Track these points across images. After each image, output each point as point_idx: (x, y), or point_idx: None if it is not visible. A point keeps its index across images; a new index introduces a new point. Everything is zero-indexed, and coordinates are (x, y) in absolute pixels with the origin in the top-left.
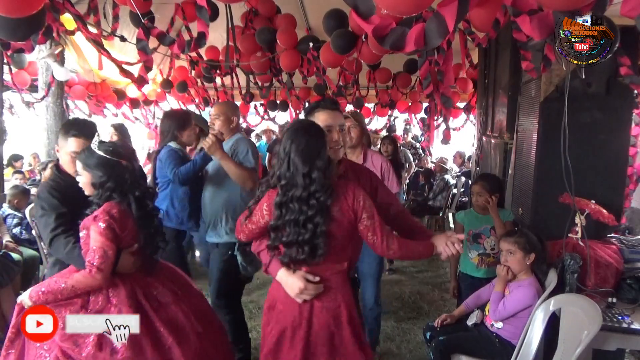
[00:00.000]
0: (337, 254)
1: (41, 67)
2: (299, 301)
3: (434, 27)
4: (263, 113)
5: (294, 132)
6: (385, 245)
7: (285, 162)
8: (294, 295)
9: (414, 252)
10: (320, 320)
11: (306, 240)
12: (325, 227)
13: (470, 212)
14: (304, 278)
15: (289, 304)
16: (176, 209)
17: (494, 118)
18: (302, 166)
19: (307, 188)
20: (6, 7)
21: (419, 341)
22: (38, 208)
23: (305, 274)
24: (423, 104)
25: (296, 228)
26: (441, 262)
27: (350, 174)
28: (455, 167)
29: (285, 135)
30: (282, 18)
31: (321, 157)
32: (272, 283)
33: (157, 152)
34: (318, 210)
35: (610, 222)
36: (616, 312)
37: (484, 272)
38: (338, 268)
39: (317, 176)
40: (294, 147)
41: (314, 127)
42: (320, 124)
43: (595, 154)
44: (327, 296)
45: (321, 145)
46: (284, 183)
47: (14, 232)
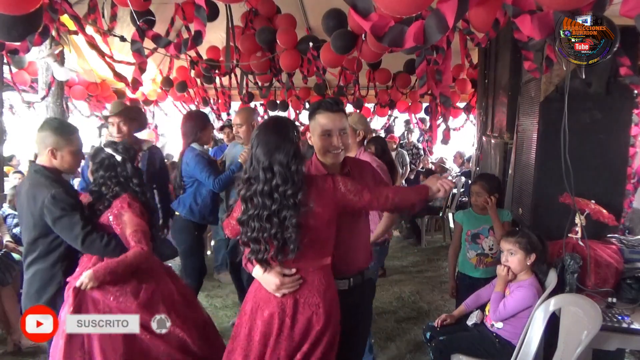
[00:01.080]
0: (318, 249)
1: (41, 67)
2: (278, 295)
3: (434, 24)
4: (263, 113)
5: (259, 127)
6: (378, 199)
7: (249, 157)
8: (272, 291)
9: (409, 195)
10: (304, 315)
11: (273, 235)
12: (297, 220)
13: (469, 212)
14: (280, 274)
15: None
16: (199, 205)
17: (494, 118)
18: (263, 160)
19: (269, 182)
20: (3, 4)
21: (419, 341)
22: (56, 210)
23: (281, 269)
24: (423, 104)
25: (260, 223)
26: (441, 262)
27: (354, 171)
28: (455, 167)
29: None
30: (282, 18)
31: (283, 151)
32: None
33: (182, 152)
34: (284, 204)
35: (610, 222)
36: (616, 312)
37: (482, 272)
38: (321, 263)
39: (278, 170)
40: (256, 142)
41: (279, 123)
42: (319, 128)
43: (595, 154)
44: (309, 292)
45: (283, 140)
46: (247, 177)
47: (14, 232)
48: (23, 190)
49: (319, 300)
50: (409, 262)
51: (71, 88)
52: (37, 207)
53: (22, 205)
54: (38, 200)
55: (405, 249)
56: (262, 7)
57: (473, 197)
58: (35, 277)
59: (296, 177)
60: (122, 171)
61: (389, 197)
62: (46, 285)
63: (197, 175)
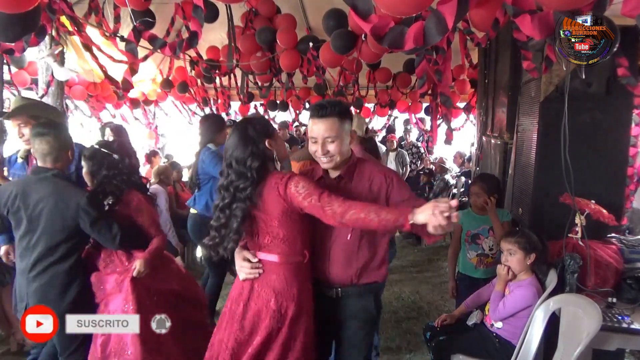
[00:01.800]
0: (278, 244)
1: (41, 67)
2: (240, 279)
3: (434, 25)
4: (263, 113)
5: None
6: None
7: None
8: (237, 271)
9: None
10: (256, 305)
11: (223, 224)
12: (241, 212)
13: (469, 213)
14: (244, 257)
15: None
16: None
17: (494, 118)
18: (226, 157)
19: (227, 177)
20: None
21: (419, 341)
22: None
23: (245, 253)
24: (423, 103)
25: (217, 212)
26: (441, 262)
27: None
28: (455, 167)
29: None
30: (282, 18)
31: (240, 149)
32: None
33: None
34: (237, 198)
35: (610, 222)
36: (616, 312)
37: (483, 272)
38: (285, 260)
39: (235, 166)
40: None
41: (243, 122)
42: (308, 133)
43: (595, 154)
44: (264, 284)
45: (242, 139)
46: (220, 171)
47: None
48: (37, 196)
49: (272, 296)
50: (409, 262)
51: (71, 88)
52: (69, 211)
53: (41, 211)
54: (70, 204)
55: (405, 249)
56: (262, 7)
57: (472, 198)
58: (55, 281)
59: (250, 173)
60: (123, 168)
61: (337, 213)
62: (68, 286)
63: (212, 171)
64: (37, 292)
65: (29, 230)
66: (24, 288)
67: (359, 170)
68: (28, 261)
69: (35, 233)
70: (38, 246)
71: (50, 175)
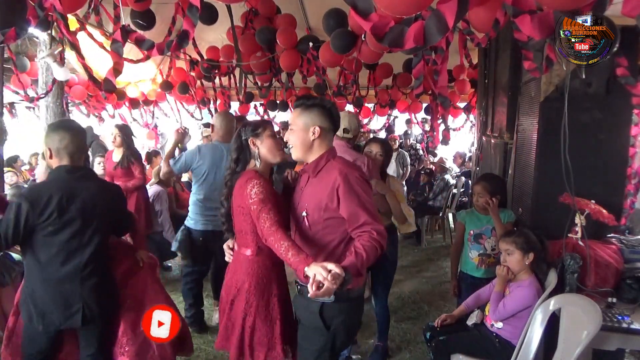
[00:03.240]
0: (240, 238)
1: (41, 67)
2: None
3: (434, 25)
4: (263, 113)
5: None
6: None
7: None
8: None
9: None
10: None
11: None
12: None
13: (472, 212)
14: (227, 244)
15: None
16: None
17: (494, 118)
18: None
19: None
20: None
21: (419, 341)
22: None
23: (230, 241)
24: (423, 103)
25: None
26: (441, 262)
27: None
28: (455, 167)
29: None
30: (282, 18)
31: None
32: None
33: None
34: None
35: (610, 222)
36: (616, 312)
37: (484, 272)
38: (242, 251)
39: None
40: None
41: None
42: None
43: (595, 154)
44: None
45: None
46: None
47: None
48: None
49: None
50: (409, 262)
51: (71, 88)
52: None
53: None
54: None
55: (405, 249)
56: (262, 7)
57: (475, 197)
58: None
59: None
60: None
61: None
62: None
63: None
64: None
65: (82, 228)
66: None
67: (327, 167)
68: (80, 260)
69: (89, 229)
70: (92, 242)
71: (90, 174)
